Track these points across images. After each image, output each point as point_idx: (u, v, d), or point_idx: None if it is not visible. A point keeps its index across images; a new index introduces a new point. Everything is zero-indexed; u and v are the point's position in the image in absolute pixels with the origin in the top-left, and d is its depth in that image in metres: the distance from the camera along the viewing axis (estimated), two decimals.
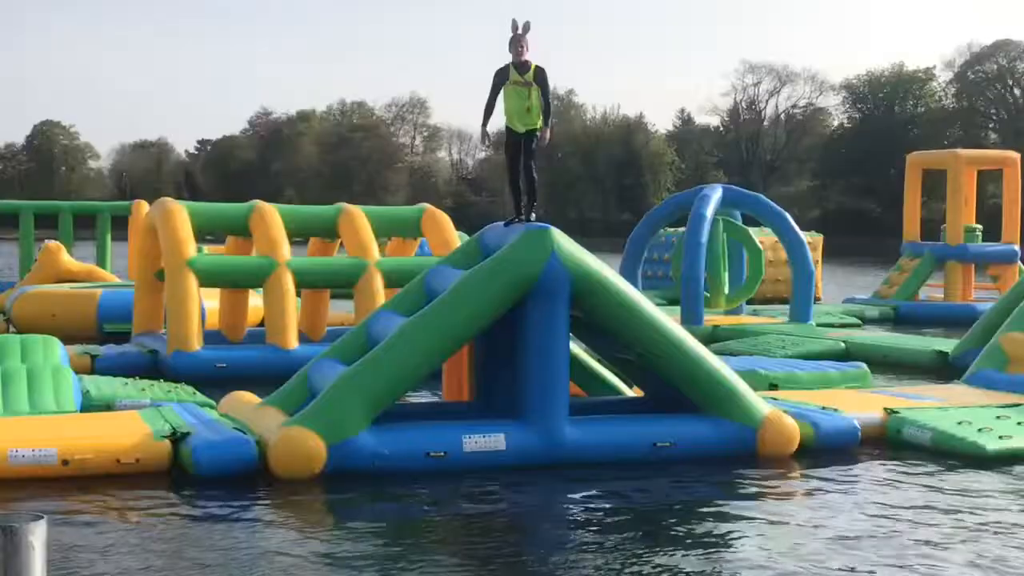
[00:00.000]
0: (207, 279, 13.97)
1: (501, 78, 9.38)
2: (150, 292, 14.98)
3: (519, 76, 9.33)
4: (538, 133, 9.29)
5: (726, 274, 21.20)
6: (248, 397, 10.17)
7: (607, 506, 7.95)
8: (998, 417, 10.24)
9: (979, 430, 9.72)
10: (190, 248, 13.91)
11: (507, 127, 9.44)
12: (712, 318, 19.60)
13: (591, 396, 10.28)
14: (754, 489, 8.42)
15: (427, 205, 16.17)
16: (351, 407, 8.58)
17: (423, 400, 11.46)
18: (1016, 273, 24.56)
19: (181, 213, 14.25)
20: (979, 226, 25.57)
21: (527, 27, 9.39)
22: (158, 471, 8.41)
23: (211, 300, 15.94)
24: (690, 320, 18.37)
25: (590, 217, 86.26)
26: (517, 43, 9.35)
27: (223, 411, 9.98)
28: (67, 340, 13.21)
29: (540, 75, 9.38)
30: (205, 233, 15.33)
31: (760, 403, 9.47)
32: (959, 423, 9.90)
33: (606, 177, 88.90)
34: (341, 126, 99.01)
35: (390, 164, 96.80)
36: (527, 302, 8.88)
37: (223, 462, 8.32)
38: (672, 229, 26.13)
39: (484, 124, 9.46)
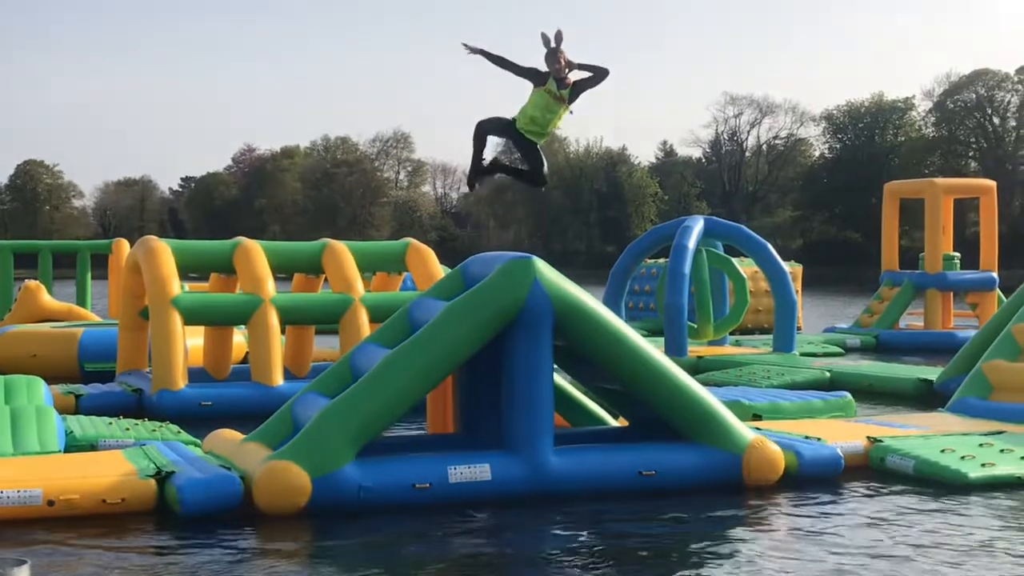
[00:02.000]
0: (192, 317, 13.95)
1: (537, 77, 8.72)
2: (134, 331, 14.96)
3: (556, 90, 8.73)
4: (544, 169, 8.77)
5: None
6: (232, 434, 10.16)
7: (591, 536, 7.94)
8: (981, 445, 10.29)
9: (962, 458, 9.76)
10: (174, 286, 13.90)
11: (516, 123, 8.77)
12: (696, 349, 19.65)
13: (576, 427, 10.29)
14: (738, 517, 8.45)
15: (411, 240, 16.21)
16: (335, 440, 8.57)
17: (408, 433, 11.45)
18: (995, 300, 24.75)
19: (165, 251, 14.25)
20: (957, 254, 25.78)
21: (560, 37, 8.73)
22: (144, 510, 8.37)
23: (194, 338, 15.92)
24: (674, 351, 18.41)
25: (574, 249, 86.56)
26: (555, 57, 8.70)
27: (207, 449, 9.97)
28: (48, 380, 13.14)
29: (573, 96, 8.81)
30: (189, 271, 15.31)
31: (744, 430, 9.50)
32: (942, 451, 9.94)
33: (590, 209, 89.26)
34: (325, 161, 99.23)
35: (374, 199, 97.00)
36: (511, 332, 8.91)
37: (209, 500, 8.28)
38: (653, 260, 26.24)
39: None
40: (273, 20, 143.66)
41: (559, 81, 8.66)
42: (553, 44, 8.71)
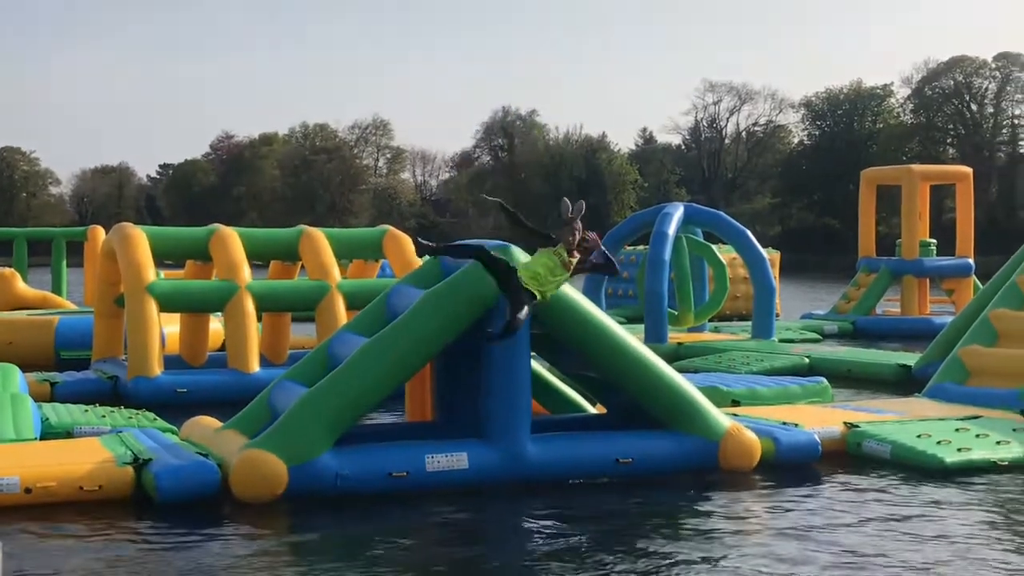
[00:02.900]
0: (167, 304, 13.88)
1: (548, 241, 8.49)
2: (110, 318, 14.88)
3: (566, 256, 8.46)
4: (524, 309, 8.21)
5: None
6: (209, 421, 10.11)
7: (566, 523, 7.94)
8: (957, 430, 10.34)
9: (938, 443, 9.81)
10: (150, 273, 13.82)
11: (519, 272, 8.38)
12: (675, 336, 19.68)
13: (553, 414, 10.28)
14: (714, 503, 8.46)
15: (388, 227, 16.16)
16: (312, 428, 8.54)
17: (386, 421, 11.42)
18: (971, 286, 24.89)
19: (140, 238, 14.17)
20: (933, 240, 25.91)
21: (581, 209, 8.60)
22: (121, 497, 8.34)
23: (171, 325, 15.85)
24: (654, 338, 18.44)
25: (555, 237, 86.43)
26: (570, 229, 8.47)
27: (184, 436, 9.93)
28: (24, 367, 13.10)
29: (576, 269, 8.48)
30: (164, 258, 15.23)
31: (721, 418, 9.52)
32: (918, 436, 9.99)
33: (569, 196, 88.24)
34: (304, 148, 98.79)
35: (353, 186, 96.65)
36: (488, 320, 8.89)
37: (186, 487, 8.27)
38: (632, 248, 26.24)
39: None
40: (251, 6, 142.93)
41: (569, 250, 8.51)
42: (572, 214, 8.59)
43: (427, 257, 10.47)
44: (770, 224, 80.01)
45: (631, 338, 9.46)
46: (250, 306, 14.04)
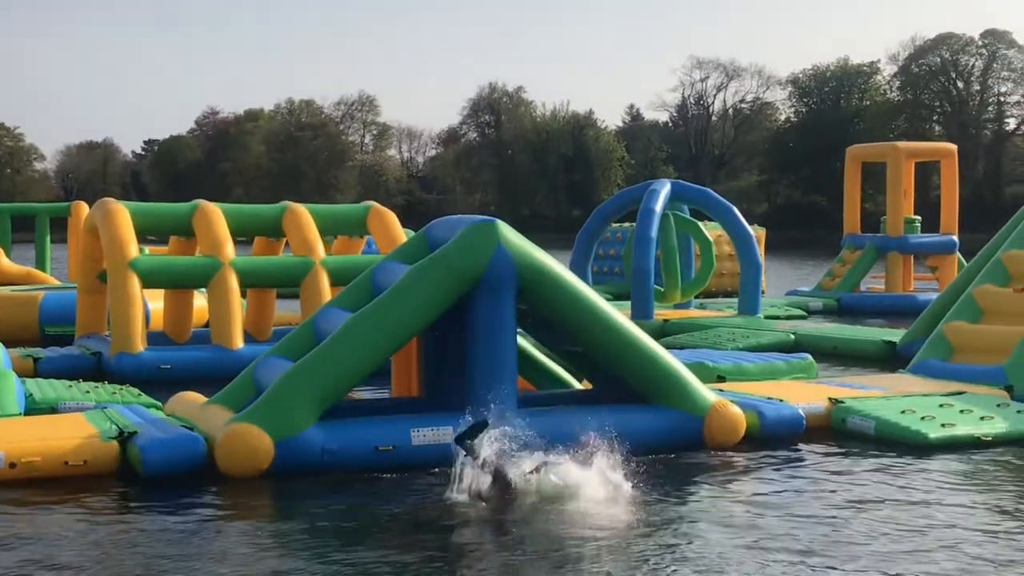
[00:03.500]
0: (150, 280, 13.82)
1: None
2: (93, 294, 14.82)
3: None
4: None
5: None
6: (194, 397, 10.09)
7: (551, 499, 7.93)
8: (941, 405, 10.38)
9: (922, 418, 9.85)
10: (132, 249, 13.76)
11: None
12: (662, 312, 19.71)
13: (539, 390, 10.29)
14: (699, 478, 8.47)
15: (373, 203, 16.10)
16: (298, 403, 8.53)
17: (372, 396, 11.42)
18: (955, 263, 24.99)
19: (123, 214, 14.09)
20: (918, 217, 25.99)
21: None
22: (106, 472, 8.33)
23: (156, 301, 15.80)
24: (640, 315, 18.47)
25: (541, 213, 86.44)
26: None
27: (169, 412, 9.91)
28: (8, 343, 13.09)
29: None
30: (147, 234, 15.16)
31: (706, 393, 9.54)
32: (902, 412, 10.03)
33: (556, 173, 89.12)
34: (290, 125, 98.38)
35: (340, 163, 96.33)
36: (474, 296, 8.88)
37: (171, 461, 8.26)
38: (618, 225, 26.24)
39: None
40: None
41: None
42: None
43: (412, 233, 10.46)
44: (757, 201, 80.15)
45: (617, 313, 9.46)
46: (234, 282, 13.99)
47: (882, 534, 6.93)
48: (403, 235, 15.26)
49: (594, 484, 7.65)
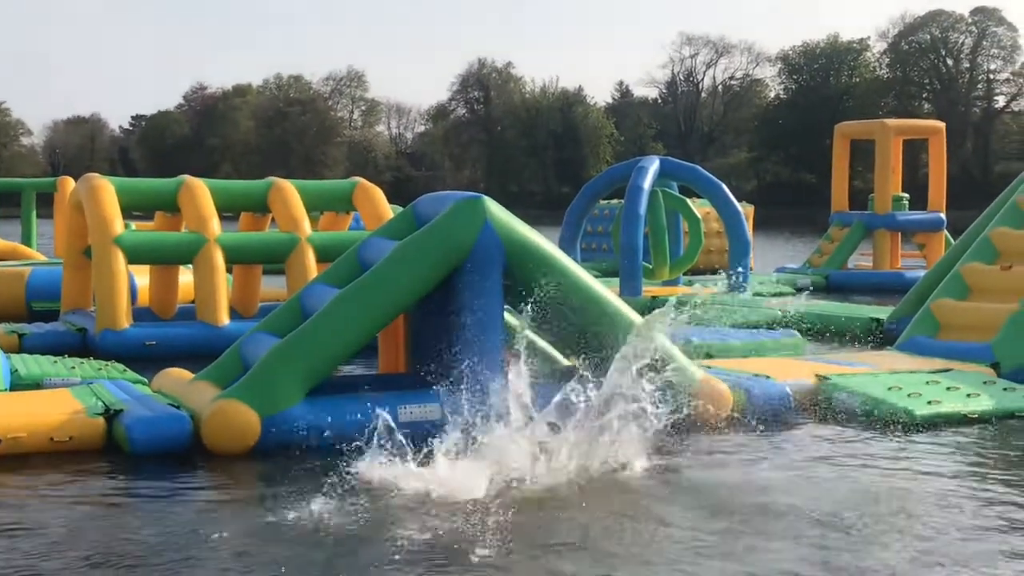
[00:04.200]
0: (135, 256, 13.74)
1: None
2: (78, 269, 14.74)
3: None
4: None
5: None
6: (180, 373, 10.06)
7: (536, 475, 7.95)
8: (927, 382, 10.40)
9: (908, 395, 9.87)
10: (117, 225, 13.68)
11: None
12: (650, 289, 19.71)
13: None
14: (685, 454, 8.47)
15: (359, 179, 16.02)
16: (285, 379, 8.51)
17: (358, 372, 11.39)
18: (942, 241, 25.04)
19: (108, 189, 14.00)
20: (906, 195, 26.03)
21: None
22: (92, 449, 8.31)
23: (143, 277, 15.74)
24: (629, 291, 18.46)
25: (530, 190, 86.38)
26: None
27: (155, 388, 9.88)
28: None
29: None
30: (133, 209, 15.06)
31: (693, 369, 9.53)
32: (889, 389, 10.04)
33: (545, 150, 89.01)
34: (278, 100, 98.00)
35: (328, 139, 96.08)
36: (461, 272, 8.85)
37: (158, 438, 8.24)
38: (606, 202, 26.21)
39: None
40: None
41: None
42: None
43: (399, 209, 10.43)
44: (746, 178, 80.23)
45: (604, 289, 9.45)
46: (219, 258, 13.92)
47: (868, 510, 6.94)
48: (389, 211, 15.20)
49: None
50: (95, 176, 14.48)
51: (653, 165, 19.95)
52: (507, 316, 9.56)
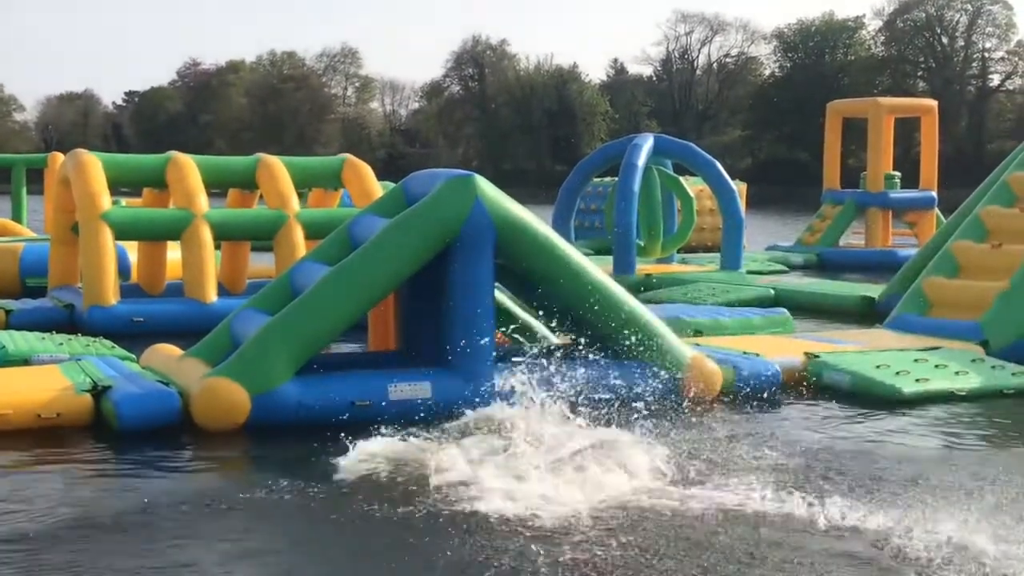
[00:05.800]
0: (122, 232, 13.70)
1: None
2: (66, 245, 14.69)
3: None
4: None
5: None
6: (170, 350, 10.04)
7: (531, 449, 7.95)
8: (916, 360, 10.42)
9: (897, 373, 9.89)
10: (104, 201, 13.62)
11: None
12: (643, 267, 19.72)
13: (515, 345, 10.26)
14: (674, 433, 8.48)
15: (348, 155, 15.98)
16: (275, 357, 8.50)
17: (348, 351, 11.39)
18: (933, 219, 25.08)
19: (95, 165, 13.94)
20: (897, 173, 26.06)
21: None
22: (80, 425, 8.30)
23: (136, 254, 15.70)
24: (622, 269, 18.47)
25: (524, 168, 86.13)
26: None
27: (144, 364, 9.87)
28: None
29: None
30: (121, 185, 15.00)
31: (683, 348, 9.55)
32: (877, 367, 10.07)
33: (540, 127, 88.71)
34: (271, 77, 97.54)
35: (322, 115, 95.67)
36: (451, 250, 8.84)
37: (146, 415, 8.24)
38: (600, 179, 26.17)
39: None
40: None
41: None
42: None
43: (390, 186, 10.40)
44: (740, 156, 79.99)
45: (595, 268, 9.44)
46: (207, 235, 13.88)
47: (857, 483, 6.97)
48: (378, 188, 15.16)
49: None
50: (82, 152, 14.41)
51: (647, 143, 19.92)
52: (498, 294, 9.57)
